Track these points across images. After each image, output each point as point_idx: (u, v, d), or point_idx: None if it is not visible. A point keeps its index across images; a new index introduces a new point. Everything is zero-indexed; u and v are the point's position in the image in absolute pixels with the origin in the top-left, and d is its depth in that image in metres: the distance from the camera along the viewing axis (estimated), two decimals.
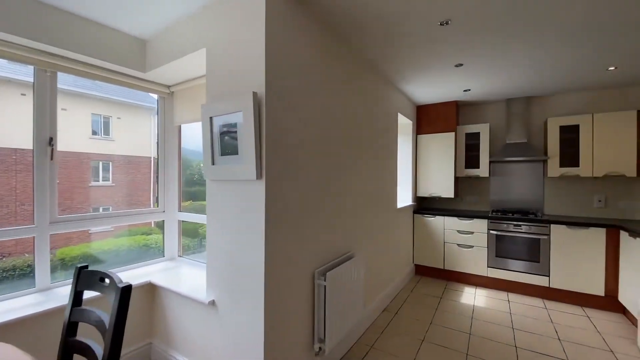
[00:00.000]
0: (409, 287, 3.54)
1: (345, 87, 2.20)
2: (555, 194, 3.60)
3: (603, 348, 2.28)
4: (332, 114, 2.03)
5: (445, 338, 2.41)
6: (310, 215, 1.78)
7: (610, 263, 2.88)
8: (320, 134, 1.88)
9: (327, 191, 1.97)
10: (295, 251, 1.66)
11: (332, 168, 2.02)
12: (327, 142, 1.96)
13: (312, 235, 1.80)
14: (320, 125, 1.89)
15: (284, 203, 1.57)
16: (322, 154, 1.91)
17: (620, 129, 3.03)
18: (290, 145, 1.61)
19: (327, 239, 1.97)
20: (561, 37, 2.12)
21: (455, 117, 3.84)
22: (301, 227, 1.70)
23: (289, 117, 1.60)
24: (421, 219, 3.93)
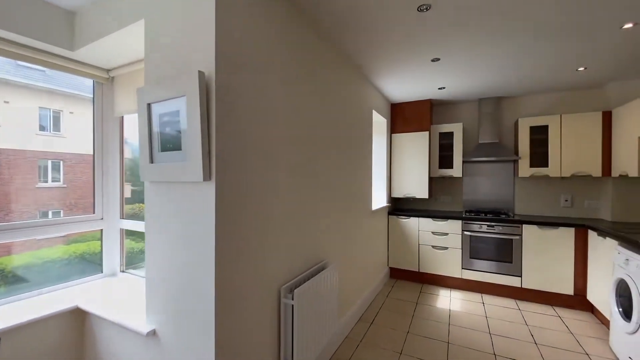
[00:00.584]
0: (385, 292, 3.38)
1: (317, 79, 1.96)
2: (524, 194, 3.63)
3: (578, 351, 2.24)
4: (302, 107, 1.78)
5: (423, 349, 2.25)
6: (276, 222, 1.52)
7: (579, 262, 2.91)
8: (287, 129, 1.63)
9: (297, 194, 1.72)
10: (255, 266, 1.39)
11: (302, 168, 1.78)
12: (296, 138, 1.71)
13: (277, 245, 1.54)
14: (288, 118, 1.64)
15: (241, 209, 1.29)
16: (291, 152, 1.66)
17: (586, 130, 3.09)
18: (249, 140, 1.34)
19: (297, 248, 1.72)
20: (535, 35, 2.07)
21: (429, 116, 3.75)
22: (264, 237, 1.44)
23: (247, 106, 1.33)
24: (396, 221, 3.80)
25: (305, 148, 1.81)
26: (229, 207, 1.22)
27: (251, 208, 1.35)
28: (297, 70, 1.74)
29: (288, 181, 1.63)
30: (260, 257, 1.42)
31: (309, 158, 1.86)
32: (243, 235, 1.31)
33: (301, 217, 1.77)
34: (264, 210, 1.44)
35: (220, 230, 1.18)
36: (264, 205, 1.43)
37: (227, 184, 1.21)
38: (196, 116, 1.14)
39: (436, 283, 3.61)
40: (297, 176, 1.73)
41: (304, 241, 1.80)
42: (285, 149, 1.61)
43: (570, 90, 3.35)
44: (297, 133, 1.73)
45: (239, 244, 1.28)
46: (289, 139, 1.65)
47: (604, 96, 3.21)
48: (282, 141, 1.59)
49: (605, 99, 3.20)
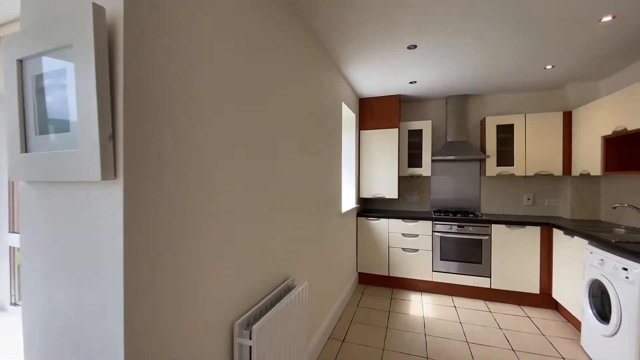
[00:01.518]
0: (354, 301, 3.12)
1: (283, 56, 1.60)
2: (490, 193, 3.63)
3: (554, 355, 2.17)
4: (262, 87, 1.41)
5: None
6: (222, 236, 1.13)
7: (544, 261, 2.92)
8: (239, 113, 1.24)
9: (253, 199, 1.34)
10: (194, 298, 0.99)
11: (259, 165, 1.40)
12: (251, 124, 1.33)
13: (226, 267, 1.15)
14: (240, 99, 1.25)
15: (168, 221, 0.89)
16: (243, 143, 1.27)
17: (549, 130, 3.14)
18: (180, 122, 0.94)
19: (254, 268, 1.34)
20: (513, 25, 1.94)
21: (398, 112, 3.58)
22: (205, 258, 1.04)
23: (178, 71, 0.92)
24: (365, 223, 3.57)
25: (263, 140, 1.44)
26: (146, 218, 0.81)
27: (184, 220, 0.95)
28: (258, 40, 1.36)
29: (239, 183, 1.24)
30: (201, 286, 1.02)
31: (269, 153, 1.49)
32: (171, 257, 0.90)
33: (259, 227, 1.39)
34: (204, 222, 1.04)
35: (132, 253, 0.77)
36: (204, 215, 1.04)
37: (142, 185, 0.80)
38: (90, 79, 0.72)
39: (406, 287, 3.45)
40: (253, 176, 1.35)
41: (263, 258, 1.42)
42: (234, 139, 1.22)
43: (534, 90, 3.40)
44: (253, 120, 1.35)
45: (164, 270, 0.87)
46: (241, 127, 1.26)
47: (564, 97, 3.30)
48: (230, 128, 1.20)
49: (565, 100, 3.28)
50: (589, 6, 1.75)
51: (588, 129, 2.74)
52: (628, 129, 2.20)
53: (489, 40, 2.16)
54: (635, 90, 2.12)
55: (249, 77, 1.29)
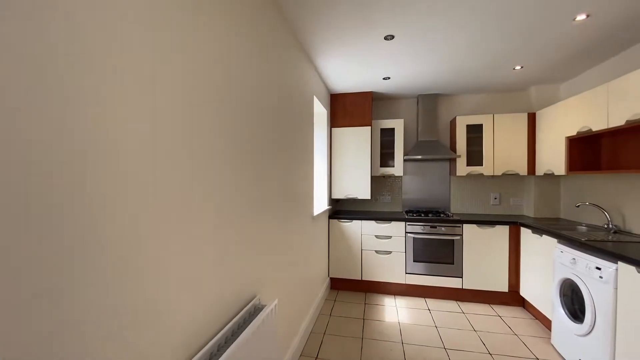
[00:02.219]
0: (327, 310, 2.92)
1: (247, 34, 1.33)
2: (459, 193, 3.65)
3: (529, 356, 2.15)
4: (221, 67, 1.13)
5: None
6: (166, 251, 0.85)
7: (513, 259, 2.96)
8: (187, 92, 0.96)
9: (207, 201, 1.06)
10: (122, 341, 0.70)
11: (218, 163, 1.13)
12: (203, 113, 1.05)
13: (172, 291, 0.87)
14: (190, 73, 0.97)
15: (70, 233, 0.60)
16: (197, 132, 1.00)
17: (515, 130, 3.20)
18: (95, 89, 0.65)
19: (209, 290, 1.07)
20: (490, 20, 1.88)
21: (371, 110, 3.46)
22: (137, 284, 0.75)
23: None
24: (337, 225, 3.39)
25: (221, 134, 1.17)
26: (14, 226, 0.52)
27: (96, 230, 0.66)
28: (205, 16, 1.08)
29: (189, 183, 0.97)
30: (129, 324, 0.73)
31: (229, 150, 1.22)
32: (76, 288, 0.61)
33: (216, 238, 1.12)
34: (131, 234, 0.75)
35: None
36: (132, 224, 0.75)
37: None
38: None
39: (380, 291, 3.33)
40: (209, 175, 1.08)
41: (222, 275, 1.15)
42: (192, 126, 0.94)
43: (501, 92, 3.48)
44: (216, 106, 1.08)
45: (71, 308, 0.58)
46: (191, 113, 0.99)
47: (528, 99, 3.41)
48: (176, 111, 0.92)
49: (529, 101, 3.39)
50: (566, 3, 1.72)
51: (552, 129, 2.82)
52: (593, 130, 2.26)
53: (466, 34, 2.08)
54: (600, 92, 2.18)
55: (209, 56, 1.02)
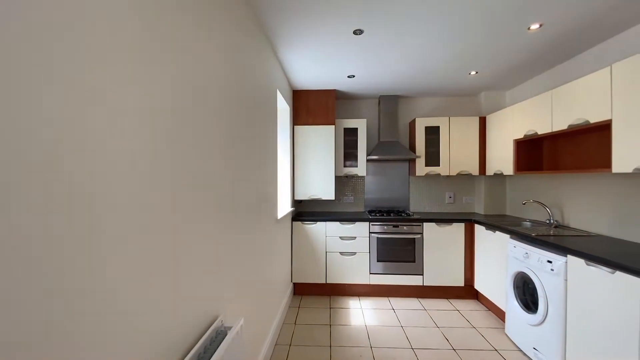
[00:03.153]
0: (291, 318, 2.75)
1: (204, 17, 1.11)
2: (418, 192, 3.76)
3: (488, 348, 2.25)
4: (175, 55, 0.91)
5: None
6: (102, 270, 0.62)
7: (468, 254, 3.12)
8: (137, 81, 0.73)
9: (153, 207, 0.84)
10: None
11: (167, 160, 0.90)
12: (157, 107, 0.83)
13: (108, 322, 0.64)
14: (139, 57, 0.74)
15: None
16: (142, 133, 0.77)
17: (468, 132, 3.39)
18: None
19: (161, 315, 0.84)
20: (449, 25, 1.95)
21: (334, 108, 3.38)
22: (63, 318, 0.52)
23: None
24: (301, 227, 3.24)
25: (173, 130, 0.94)
26: None
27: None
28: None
29: (131, 189, 0.74)
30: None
31: (182, 147, 1.00)
32: None
33: (164, 252, 0.90)
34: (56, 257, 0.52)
35: None
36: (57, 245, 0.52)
37: None
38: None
39: (345, 293, 3.27)
40: (159, 181, 0.86)
41: (175, 296, 0.93)
42: (128, 125, 0.71)
43: (456, 96, 3.66)
44: (161, 97, 0.86)
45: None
46: (137, 105, 0.76)
47: (478, 104, 3.64)
48: (123, 106, 0.69)
49: (479, 106, 3.63)
50: (520, 13, 1.81)
51: (501, 132, 3.03)
52: (538, 133, 2.46)
53: (431, 34, 2.09)
54: (546, 98, 2.37)
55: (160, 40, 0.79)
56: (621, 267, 1.47)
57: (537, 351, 2.01)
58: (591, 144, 2.23)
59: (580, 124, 2.03)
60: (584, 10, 1.75)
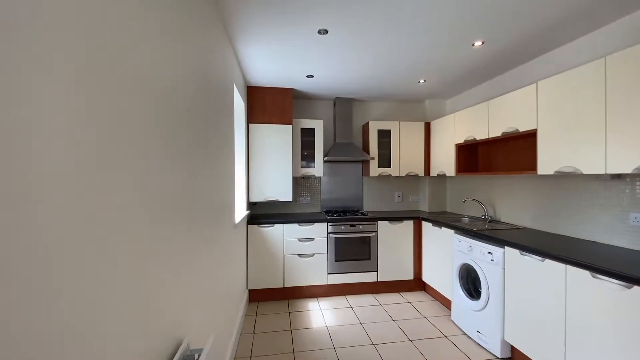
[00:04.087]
0: (249, 328, 2.60)
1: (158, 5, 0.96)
2: (370, 192, 3.92)
3: (438, 335, 2.45)
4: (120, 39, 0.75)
5: None
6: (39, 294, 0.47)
7: (417, 249, 3.37)
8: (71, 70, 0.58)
9: (105, 220, 0.68)
10: None
11: (108, 165, 0.75)
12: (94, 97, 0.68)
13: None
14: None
15: None
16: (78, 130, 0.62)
17: (415, 136, 3.65)
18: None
19: (115, 346, 0.69)
20: (407, 34, 2.06)
21: (291, 108, 3.31)
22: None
23: None
24: (257, 231, 3.09)
25: (117, 125, 0.79)
26: None
27: None
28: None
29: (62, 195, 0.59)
30: None
31: (128, 148, 0.85)
32: None
33: (117, 269, 0.75)
34: None
35: None
36: None
37: None
38: None
39: (303, 295, 3.23)
40: (101, 186, 0.71)
41: (128, 319, 0.78)
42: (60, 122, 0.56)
43: (405, 101, 3.91)
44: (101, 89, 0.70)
45: None
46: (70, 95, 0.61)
47: (424, 110, 3.95)
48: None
49: (424, 112, 3.93)
50: (468, 31, 2.00)
51: (444, 137, 3.33)
52: (477, 139, 2.76)
53: (390, 42, 2.18)
54: (483, 108, 2.68)
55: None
56: (549, 255, 1.73)
57: (480, 333, 2.26)
58: (519, 150, 2.59)
59: (512, 132, 2.34)
60: (520, 31, 2.00)
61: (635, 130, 1.53)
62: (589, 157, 1.76)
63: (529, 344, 1.87)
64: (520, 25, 1.93)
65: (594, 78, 1.73)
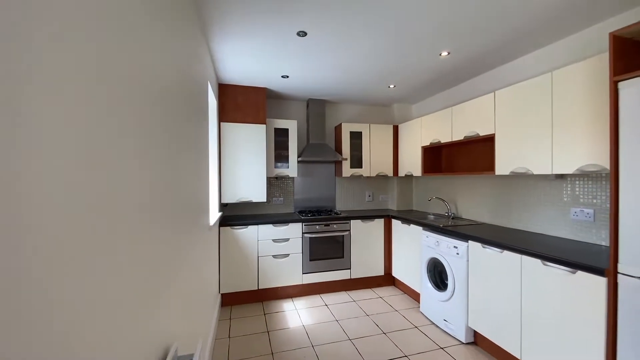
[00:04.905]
0: (224, 333, 2.54)
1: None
2: (342, 192, 4.02)
3: (409, 326, 2.60)
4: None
5: None
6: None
7: (387, 246, 3.52)
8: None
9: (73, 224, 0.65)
10: None
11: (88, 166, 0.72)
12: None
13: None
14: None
15: None
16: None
17: (384, 138, 3.82)
18: None
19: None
20: (384, 40, 2.16)
21: (265, 107, 3.28)
22: None
23: None
24: (230, 233, 3.02)
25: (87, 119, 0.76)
26: None
27: None
28: None
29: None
30: None
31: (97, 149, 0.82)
32: None
33: (102, 278, 0.72)
34: None
35: None
36: None
37: None
38: None
39: (278, 296, 3.21)
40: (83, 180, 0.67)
41: (110, 326, 0.75)
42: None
43: (375, 105, 4.06)
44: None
45: None
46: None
47: (392, 114, 4.14)
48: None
49: (392, 116, 4.12)
50: (436, 41, 2.16)
51: (411, 140, 3.53)
52: (441, 142, 2.98)
53: (367, 45, 2.27)
54: (447, 113, 2.89)
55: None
56: (507, 247, 1.94)
57: (447, 322, 2.44)
58: (480, 152, 2.84)
59: (473, 136, 2.57)
60: (483, 43, 2.20)
61: (575, 136, 1.78)
62: (538, 159, 2.01)
63: (490, 328, 2.07)
64: (481, 39, 2.12)
65: (542, 90, 1.97)
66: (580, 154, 1.76)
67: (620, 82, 1.41)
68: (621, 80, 1.41)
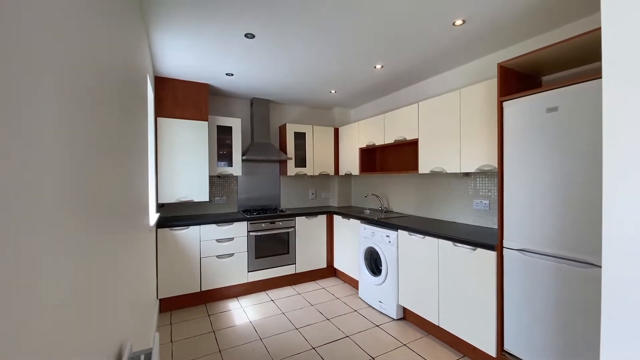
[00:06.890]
0: (165, 338, 2.42)
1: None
2: (287, 190, 4.14)
3: (348, 311, 2.86)
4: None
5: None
6: None
7: (329, 240, 3.77)
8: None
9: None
10: None
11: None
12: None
13: None
14: None
15: None
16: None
17: (326, 139, 4.06)
18: None
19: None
20: (317, 55, 2.36)
21: (207, 104, 3.19)
22: None
23: None
24: (169, 235, 2.87)
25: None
26: None
27: None
28: None
29: None
30: None
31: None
32: None
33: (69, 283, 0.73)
34: None
35: None
36: None
37: None
38: None
39: (222, 297, 3.16)
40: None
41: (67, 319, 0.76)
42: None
43: (319, 108, 4.27)
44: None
45: None
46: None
47: (332, 117, 4.41)
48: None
49: (333, 119, 4.40)
50: (372, 55, 2.45)
51: (350, 141, 3.85)
52: (376, 144, 3.33)
53: (311, 54, 2.44)
54: (380, 119, 3.25)
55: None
56: (427, 233, 2.32)
57: (382, 303, 2.77)
58: (407, 154, 3.26)
59: (401, 140, 2.96)
60: (409, 60, 2.56)
61: (476, 142, 2.23)
62: (451, 160, 2.44)
63: (416, 304, 2.44)
64: (408, 56, 2.48)
65: (453, 103, 2.41)
66: (480, 156, 2.22)
67: (505, 101, 1.85)
68: (505, 100, 1.85)
